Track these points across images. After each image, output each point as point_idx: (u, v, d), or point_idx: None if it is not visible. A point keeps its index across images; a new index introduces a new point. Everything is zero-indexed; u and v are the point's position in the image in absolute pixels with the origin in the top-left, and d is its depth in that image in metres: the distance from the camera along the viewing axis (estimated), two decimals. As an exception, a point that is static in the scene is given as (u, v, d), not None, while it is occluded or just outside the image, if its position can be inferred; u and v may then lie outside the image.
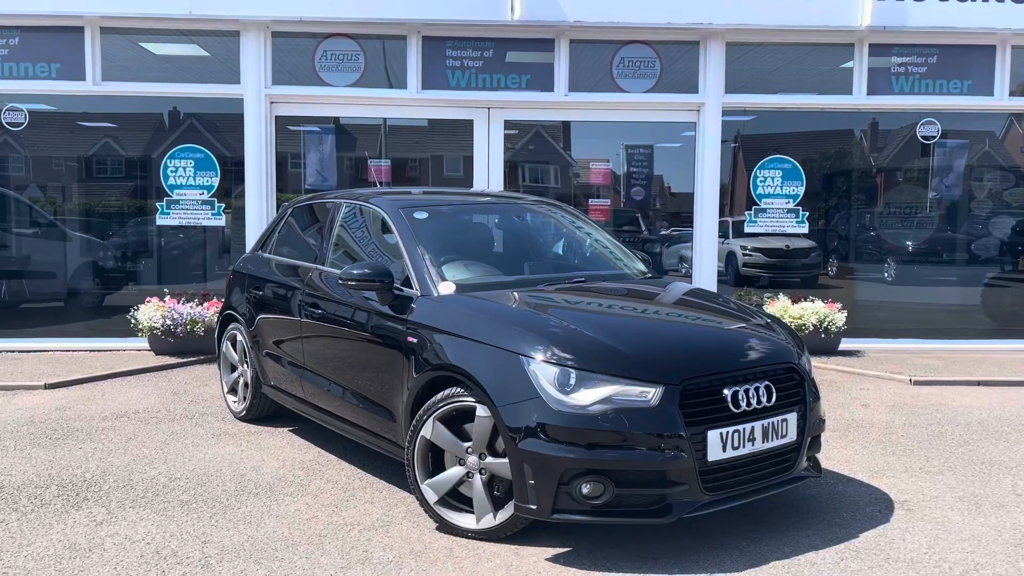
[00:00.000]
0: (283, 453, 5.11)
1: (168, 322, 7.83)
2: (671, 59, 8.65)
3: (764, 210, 8.74)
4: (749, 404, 3.56)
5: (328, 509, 4.17)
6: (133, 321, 8.06)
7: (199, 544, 3.74)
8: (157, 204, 8.42)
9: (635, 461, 3.38)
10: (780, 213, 8.74)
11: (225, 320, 6.06)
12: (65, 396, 6.56)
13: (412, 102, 8.54)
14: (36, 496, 4.34)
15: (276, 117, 8.56)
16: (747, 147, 9.44)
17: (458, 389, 3.77)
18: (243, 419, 5.85)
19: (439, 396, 3.82)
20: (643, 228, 10.05)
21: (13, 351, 8.19)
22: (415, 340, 4.03)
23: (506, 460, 3.57)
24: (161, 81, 8.56)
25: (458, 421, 3.80)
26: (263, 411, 5.78)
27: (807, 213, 8.74)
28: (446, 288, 4.18)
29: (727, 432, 3.48)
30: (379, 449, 4.45)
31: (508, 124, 8.69)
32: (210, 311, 8.00)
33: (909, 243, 10.02)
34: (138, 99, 8.60)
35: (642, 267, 4.99)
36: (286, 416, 5.78)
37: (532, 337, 3.62)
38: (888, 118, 9.39)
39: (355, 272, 4.27)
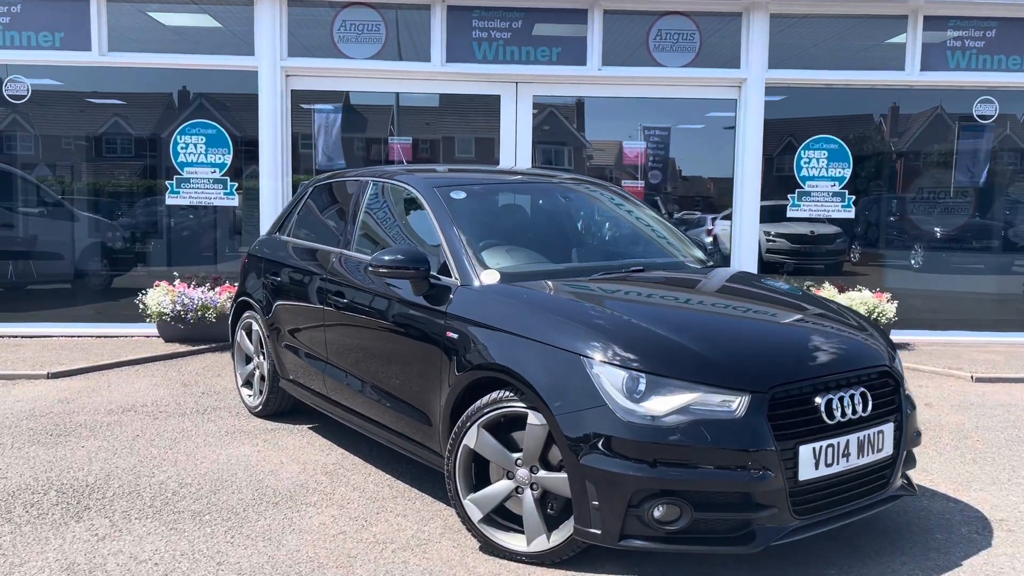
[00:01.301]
0: (303, 454, 4.68)
1: (178, 307, 7.41)
2: (711, 32, 8.13)
3: (808, 193, 8.24)
4: (844, 414, 3.10)
5: (356, 523, 3.74)
6: (141, 306, 7.64)
7: (213, 566, 3.30)
8: (167, 183, 7.97)
9: (717, 481, 2.92)
10: (825, 197, 8.24)
11: (239, 307, 5.62)
12: (69, 386, 6.15)
13: (436, 76, 8.05)
14: (33, 504, 3.92)
15: (292, 91, 8.08)
16: (769, 129, 8.86)
17: (506, 393, 3.32)
18: (259, 415, 5.42)
19: (484, 400, 3.36)
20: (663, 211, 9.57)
21: (16, 336, 7.79)
22: (455, 335, 3.58)
23: (562, 475, 3.12)
24: (171, 52, 8.07)
25: (505, 429, 3.35)
26: (280, 406, 5.35)
27: (853, 197, 8.23)
28: (489, 277, 3.72)
29: (820, 447, 3.02)
30: (411, 455, 4.01)
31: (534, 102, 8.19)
32: (222, 296, 7.57)
33: (947, 229, 9.47)
34: (146, 72, 8.13)
35: (700, 254, 4.51)
36: (304, 411, 5.35)
37: (595, 335, 3.16)
38: (939, 96, 8.82)
39: (386, 258, 3.81)
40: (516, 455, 3.29)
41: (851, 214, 8.26)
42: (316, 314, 4.63)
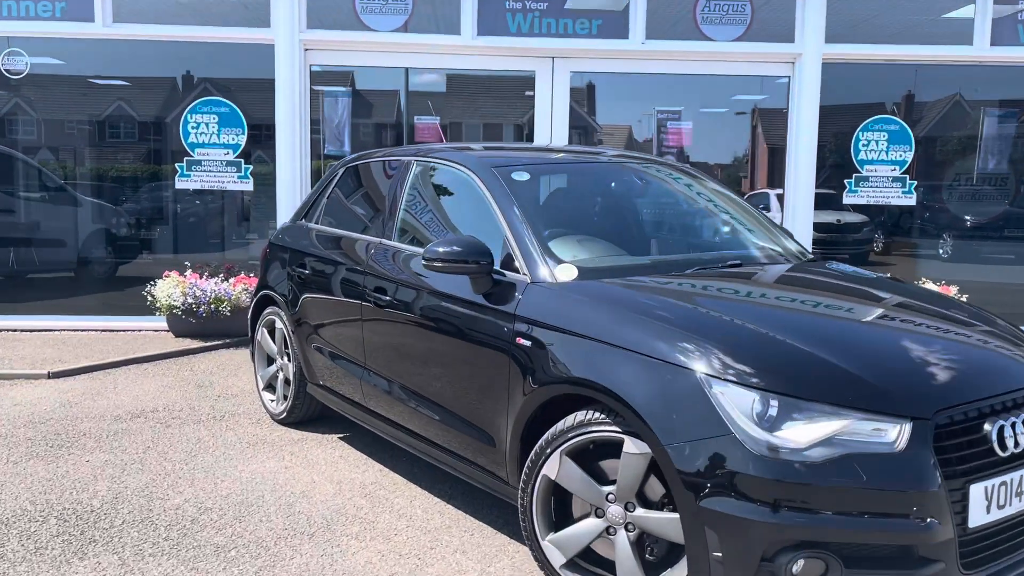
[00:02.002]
0: (337, 471, 4.13)
1: (189, 300, 6.85)
2: (763, 2, 7.51)
3: (866, 178, 7.64)
4: (1016, 443, 2.53)
5: (408, 562, 3.18)
6: (149, 298, 7.08)
7: (244, 620, 2.76)
8: (176, 165, 7.40)
9: (872, 531, 2.36)
10: (884, 182, 7.64)
11: (260, 302, 5.05)
12: (72, 388, 5.60)
13: (466, 49, 7.45)
14: (30, 535, 3.37)
15: (311, 66, 7.50)
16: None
17: (596, 414, 2.75)
18: (283, 422, 4.86)
19: (569, 422, 2.80)
20: None
21: (15, 330, 7.24)
22: (527, 342, 3.01)
23: (670, 516, 2.57)
24: (180, 24, 7.47)
25: (591, 456, 2.80)
26: (307, 413, 4.80)
27: (915, 183, 7.63)
28: (565, 272, 3.15)
29: (993, 485, 2.46)
30: (466, 478, 3.46)
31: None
32: (237, 288, 7.01)
33: (1004, 219, 8.86)
34: (154, 47, 7.54)
35: (793, 245, 3.93)
36: (333, 417, 4.80)
37: (713, 346, 2.59)
38: (1011, 74, 8.19)
39: (441, 250, 3.24)
40: (607, 489, 2.73)
41: (912, 200, 7.67)
42: (351, 312, 4.07)
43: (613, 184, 4.03)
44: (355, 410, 4.19)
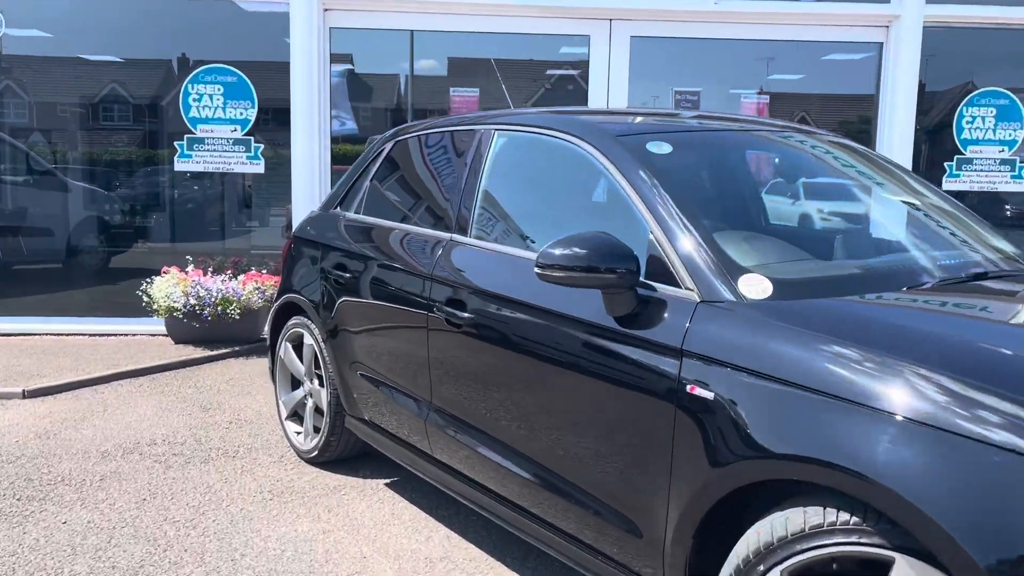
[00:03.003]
0: (392, 539, 3.14)
1: (192, 301, 5.85)
2: (853, -43, 6.50)
3: (970, 160, 6.65)
4: None
5: None
6: (145, 298, 6.08)
7: None
8: (176, 144, 6.38)
9: None
10: (991, 164, 6.65)
11: (284, 311, 4.06)
12: (51, 411, 4.61)
13: (510, 10, 6.43)
14: (-25, 654, 2.39)
15: (331, 30, 6.47)
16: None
17: (843, 515, 1.76)
18: (313, 461, 3.88)
19: (795, 526, 1.81)
20: None
21: (-11, 335, 6.25)
22: (706, 393, 2.02)
23: None
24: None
25: (815, 573, 1.81)
26: (345, 451, 3.82)
27: (1024, 165, 6.65)
28: (754, 287, 2.15)
29: None
30: (583, 569, 2.47)
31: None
32: (247, 286, 6.01)
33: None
34: (150, 10, 6.51)
35: (1007, 246, 2.91)
36: (374, 453, 3.82)
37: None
38: None
39: (559, 253, 2.25)
40: (855, 629, 1.75)
41: (1022, 187, 6.68)
42: (411, 331, 3.08)
43: (778, 160, 3.02)
44: (414, 457, 3.20)
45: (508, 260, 2.71)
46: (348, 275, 3.50)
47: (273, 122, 6.62)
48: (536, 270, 2.30)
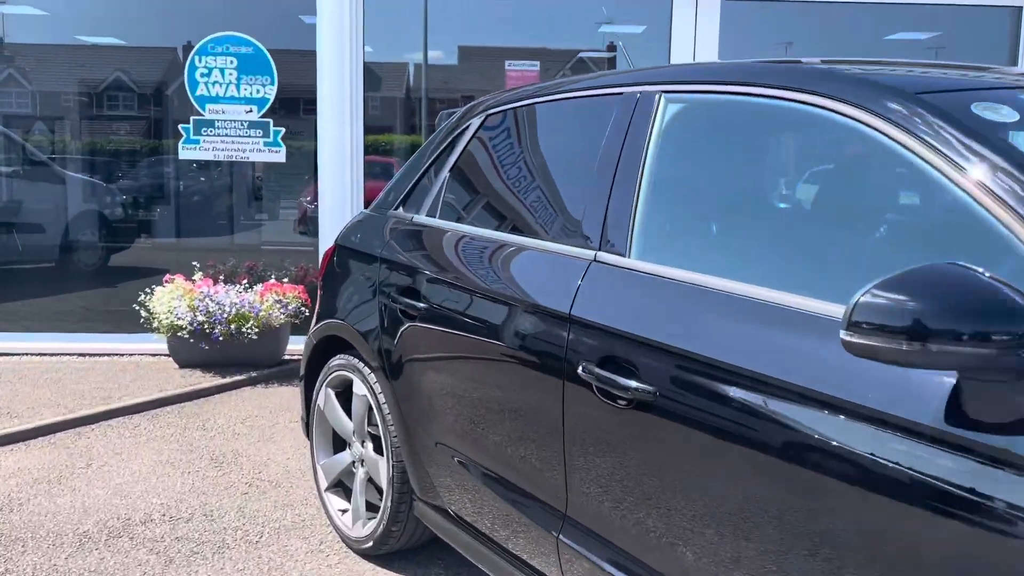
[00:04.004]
0: None
1: (200, 317, 4.81)
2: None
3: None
4: None
5: None
6: (144, 313, 5.06)
7: None
8: (181, 127, 5.34)
9: None
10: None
11: (323, 346, 3.02)
12: (21, 466, 3.58)
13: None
14: None
15: (365, -9, 5.44)
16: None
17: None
18: (366, 553, 2.85)
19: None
20: None
21: (-42, 356, 5.24)
22: None
23: None
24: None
25: None
26: (411, 541, 2.78)
27: None
28: None
29: None
30: None
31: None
32: (266, 299, 4.98)
33: None
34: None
35: None
36: (441, 541, 2.79)
37: None
38: None
39: (893, 300, 1.19)
40: None
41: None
42: (535, 400, 2.02)
43: None
44: (527, 577, 2.16)
45: (729, 302, 1.64)
46: (423, 306, 2.45)
47: (288, 106, 5.55)
48: (843, 334, 1.24)
